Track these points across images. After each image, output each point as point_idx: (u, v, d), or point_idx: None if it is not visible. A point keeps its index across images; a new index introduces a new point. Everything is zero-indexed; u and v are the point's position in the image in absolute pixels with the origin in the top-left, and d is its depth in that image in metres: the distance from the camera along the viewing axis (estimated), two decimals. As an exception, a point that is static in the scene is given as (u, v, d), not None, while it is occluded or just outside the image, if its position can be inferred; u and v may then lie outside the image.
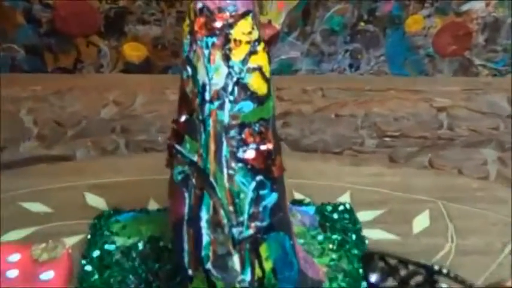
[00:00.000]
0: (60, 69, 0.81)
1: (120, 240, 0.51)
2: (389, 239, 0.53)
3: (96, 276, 0.47)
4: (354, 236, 0.51)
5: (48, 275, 0.48)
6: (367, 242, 0.51)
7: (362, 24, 0.87)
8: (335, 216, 0.53)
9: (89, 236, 0.52)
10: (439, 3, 0.87)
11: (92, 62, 0.81)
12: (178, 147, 0.47)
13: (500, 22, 0.89)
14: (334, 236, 0.51)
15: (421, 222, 0.56)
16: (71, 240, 0.53)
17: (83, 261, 0.50)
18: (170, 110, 0.73)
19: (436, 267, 0.39)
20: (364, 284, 0.46)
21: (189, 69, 0.47)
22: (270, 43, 0.84)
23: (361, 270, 0.47)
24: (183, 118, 0.47)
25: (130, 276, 0.47)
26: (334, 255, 0.49)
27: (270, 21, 0.82)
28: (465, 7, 0.88)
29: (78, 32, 0.79)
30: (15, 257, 0.50)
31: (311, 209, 0.54)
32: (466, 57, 0.90)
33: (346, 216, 0.53)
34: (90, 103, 0.74)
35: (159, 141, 0.67)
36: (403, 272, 0.40)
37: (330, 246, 0.50)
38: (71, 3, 0.77)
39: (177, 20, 0.79)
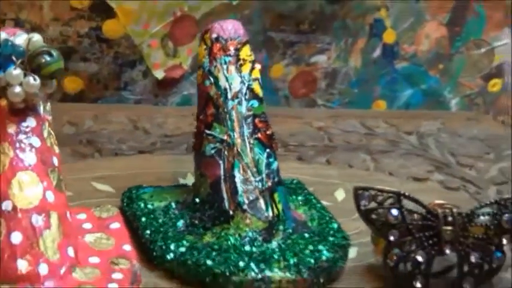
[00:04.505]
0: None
1: (154, 204, 0.69)
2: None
3: (154, 223, 0.65)
4: (312, 197, 0.74)
5: (115, 225, 0.65)
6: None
7: (240, 70, 1.11)
8: (293, 186, 0.76)
9: (124, 203, 0.70)
10: (295, 55, 1.14)
11: (35, 92, 0.96)
12: (208, 131, 0.67)
13: (337, 72, 1.18)
14: (299, 197, 0.73)
15: (340, 193, 0.80)
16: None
17: (132, 217, 0.67)
18: (120, 129, 0.91)
19: (402, 192, 0.63)
20: (334, 224, 0.69)
21: (211, 78, 0.68)
22: (179, 80, 1.06)
23: (324, 213, 0.70)
24: (210, 111, 0.68)
25: (179, 222, 0.66)
26: (305, 207, 0.72)
27: (180, 63, 1.04)
28: (313, 59, 1.16)
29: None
30: (83, 216, 0.66)
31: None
32: (312, 98, 1.18)
33: (300, 185, 0.76)
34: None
35: (124, 148, 0.85)
36: (380, 197, 0.63)
37: (300, 202, 0.72)
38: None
39: (113, 59, 0.97)
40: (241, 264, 0.60)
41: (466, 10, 1.18)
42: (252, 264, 0.60)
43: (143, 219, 0.66)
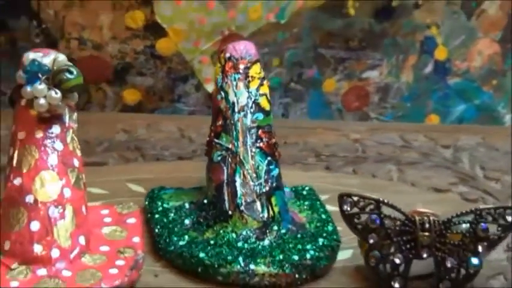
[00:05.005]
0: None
1: (171, 203, 0.78)
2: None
3: (165, 220, 0.74)
4: (318, 202, 0.81)
5: (132, 220, 0.75)
6: (325, 205, 0.81)
7: (292, 84, 1.18)
8: (304, 192, 0.83)
9: (146, 202, 0.79)
10: (346, 71, 1.20)
11: (99, 103, 1.08)
12: (217, 140, 0.76)
13: (389, 86, 1.23)
14: (306, 202, 0.80)
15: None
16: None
17: (149, 215, 0.76)
18: (166, 137, 1.01)
19: (381, 199, 0.69)
20: (330, 227, 0.75)
21: (222, 93, 0.77)
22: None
23: (325, 216, 0.77)
24: (219, 123, 0.76)
25: (186, 220, 0.74)
26: (308, 212, 0.79)
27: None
28: (365, 75, 1.22)
29: (92, 80, 1.06)
30: (105, 211, 0.76)
31: (288, 189, 0.83)
32: (365, 112, 1.23)
33: (311, 192, 0.83)
34: (105, 131, 1.00)
35: (166, 154, 0.95)
36: (361, 203, 0.69)
37: (305, 207, 0.79)
38: (90, 59, 1.05)
39: (166, 74, 1.08)
40: (229, 257, 0.68)
41: (519, 28, 1.20)
42: (240, 258, 0.68)
43: (156, 216, 0.75)
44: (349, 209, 0.70)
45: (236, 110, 0.75)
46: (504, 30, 1.20)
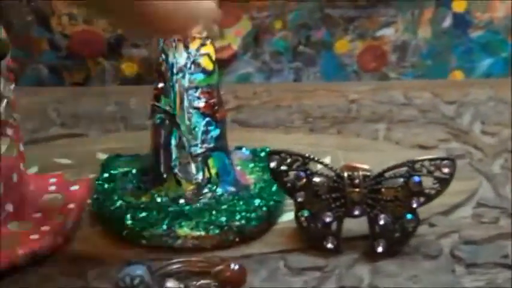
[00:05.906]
0: (75, 83, 1.10)
1: (120, 169, 0.78)
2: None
3: (106, 186, 0.74)
4: (273, 163, 0.78)
5: (75, 187, 0.75)
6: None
7: (301, 47, 1.15)
8: (262, 154, 0.80)
9: (100, 170, 0.79)
10: (358, 30, 1.15)
11: (98, 77, 1.09)
12: (157, 103, 0.75)
13: (407, 44, 1.17)
14: (261, 164, 0.78)
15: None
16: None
17: (97, 181, 0.77)
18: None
19: (307, 155, 0.66)
20: (274, 188, 0.73)
21: (163, 55, 0.75)
22: (230, 61, 1.13)
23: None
24: (160, 85, 0.75)
25: (128, 185, 0.74)
26: (259, 173, 0.76)
27: (229, 44, 1.11)
28: (379, 33, 1.16)
29: (88, 54, 1.07)
30: (53, 179, 0.77)
31: (247, 151, 0.81)
32: (384, 72, 1.18)
33: (270, 154, 0.81)
34: (97, 104, 1.01)
35: (147, 124, 0.95)
36: (289, 160, 0.66)
37: (257, 169, 0.77)
38: (83, 33, 1.06)
39: (160, 44, 1.08)
40: (153, 220, 0.67)
41: (544, -30, 1.11)
42: (165, 221, 0.67)
43: (100, 182, 0.75)
44: (276, 166, 0.67)
45: (175, 71, 0.74)
46: (528, -26, 1.11)
